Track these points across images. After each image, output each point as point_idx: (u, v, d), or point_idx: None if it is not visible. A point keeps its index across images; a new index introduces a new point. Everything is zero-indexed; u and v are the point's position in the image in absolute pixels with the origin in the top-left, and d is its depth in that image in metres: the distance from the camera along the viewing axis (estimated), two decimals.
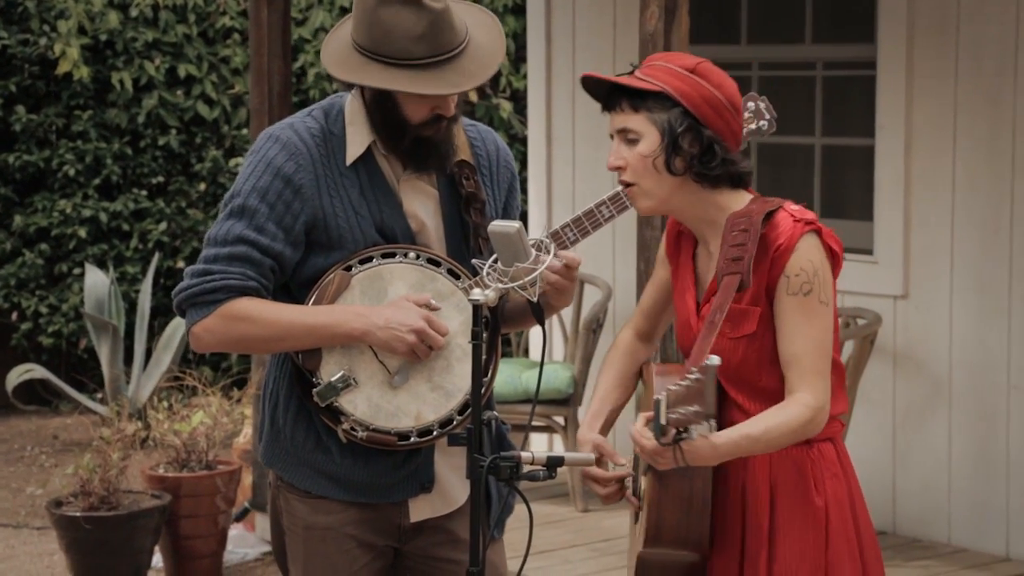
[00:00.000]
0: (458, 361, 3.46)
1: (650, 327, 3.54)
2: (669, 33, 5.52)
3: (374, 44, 3.37)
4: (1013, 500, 6.37)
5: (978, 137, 6.40)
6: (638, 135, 3.22)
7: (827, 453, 3.27)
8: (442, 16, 3.36)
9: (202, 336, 3.46)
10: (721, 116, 3.20)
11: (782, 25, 7.18)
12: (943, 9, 6.46)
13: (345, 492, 3.54)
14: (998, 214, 6.35)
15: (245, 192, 3.45)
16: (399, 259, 3.47)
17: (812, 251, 3.17)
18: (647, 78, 3.22)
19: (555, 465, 3.19)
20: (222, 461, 6.99)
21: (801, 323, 3.15)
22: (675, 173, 3.21)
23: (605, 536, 6.50)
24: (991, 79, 6.35)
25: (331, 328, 3.42)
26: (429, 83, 3.35)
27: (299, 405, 3.55)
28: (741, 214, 3.19)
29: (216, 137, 10.47)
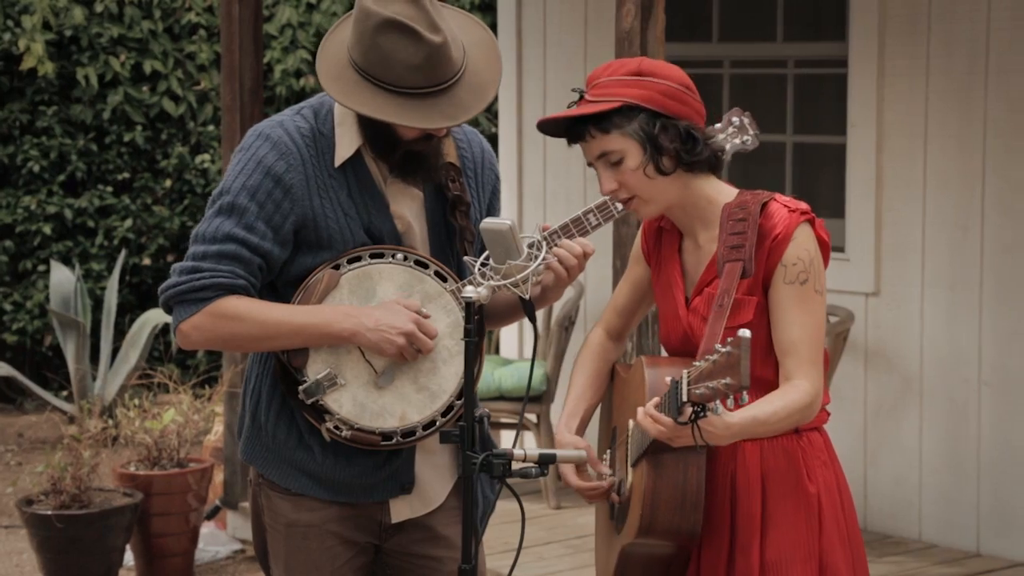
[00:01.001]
0: (444, 363, 3.46)
1: (622, 325, 3.57)
2: (645, 31, 5.54)
3: (371, 67, 3.35)
4: (983, 496, 6.41)
5: (949, 135, 6.44)
6: (620, 153, 3.23)
7: (816, 441, 3.31)
8: (440, 50, 3.33)
9: (190, 334, 3.44)
10: (683, 102, 3.24)
11: (754, 23, 7.21)
12: (914, 8, 6.50)
13: (326, 491, 3.54)
14: (969, 211, 6.39)
15: (235, 190, 3.43)
16: (387, 260, 3.47)
17: (808, 241, 3.21)
18: (601, 98, 3.23)
19: (547, 462, 3.19)
20: (194, 459, 6.97)
21: (798, 312, 3.19)
22: (667, 173, 3.24)
23: (578, 533, 6.51)
24: (962, 78, 6.39)
25: (320, 328, 3.41)
26: (422, 115, 3.33)
27: (282, 402, 3.54)
28: (737, 204, 3.23)
29: (182, 133, 10.43)
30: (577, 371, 3.54)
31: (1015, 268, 6.28)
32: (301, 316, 3.41)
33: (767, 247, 3.19)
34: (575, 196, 7.59)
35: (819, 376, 3.21)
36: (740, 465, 3.26)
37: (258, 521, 3.66)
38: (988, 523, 6.40)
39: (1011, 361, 6.32)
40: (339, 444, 3.49)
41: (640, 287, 3.50)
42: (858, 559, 3.35)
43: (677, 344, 3.34)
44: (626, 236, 5.66)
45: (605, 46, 7.36)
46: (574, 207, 7.46)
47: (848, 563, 3.31)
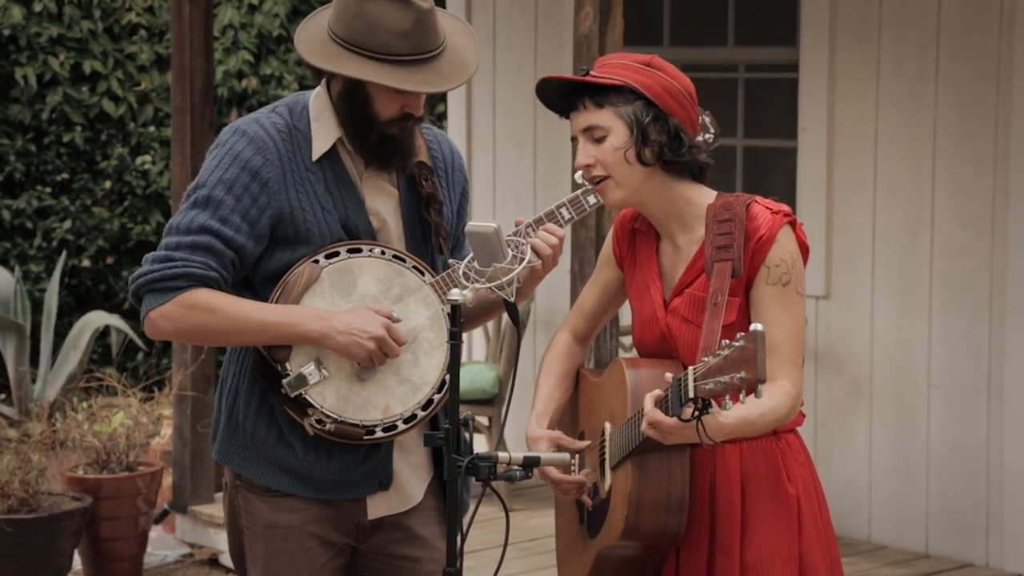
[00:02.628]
0: (425, 355, 3.48)
1: (589, 328, 3.58)
2: (603, 35, 5.56)
3: (355, 37, 3.38)
4: (932, 498, 6.47)
5: (899, 140, 6.50)
6: (605, 131, 3.26)
7: (793, 443, 3.34)
8: (427, 16, 3.38)
9: (158, 322, 3.43)
10: (682, 105, 3.27)
11: (705, 27, 7.24)
12: (865, 13, 6.56)
13: (305, 488, 3.53)
14: (919, 216, 6.45)
15: (211, 183, 3.43)
16: (366, 254, 3.47)
17: (790, 243, 3.24)
18: (606, 75, 3.27)
19: (532, 465, 3.20)
20: (142, 462, 6.92)
21: (780, 313, 3.21)
22: (646, 163, 3.26)
23: (531, 536, 6.51)
24: (912, 83, 6.45)
25: (290, 327, 3.41)
26: (408, 79, 3.36)
27: (261, 399, 3.53)
28: (721, 205, 3.25)
29: (122, 134, 10.35)
30: (544, 373, 3.54)
31: (965, 272, 6.34)
32: (272, 314, 3.41)
33: (751, 248, 3.22)
34: (524, 198, 7.60)
35: (800, 377, 3.24)
36: (720, 467, 3.28)
37: (234, 524, 3.64)
38: (937, 524, 6.47)
39: (960, 364, 6.39)
40: (320, 440, 3.48)
41: (609, 290, 3.52)
42: (834, 560, 3.38)
43: (653, 345, 3.35)
44: (583, 239, 5.68)
45: (555, 48, 7.39)
46: (523, 209, 7.47)
47: (826, 564, 3.34)
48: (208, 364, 6.96)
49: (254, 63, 10.46)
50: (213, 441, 3.65)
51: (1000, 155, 6.24)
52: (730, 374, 2.89)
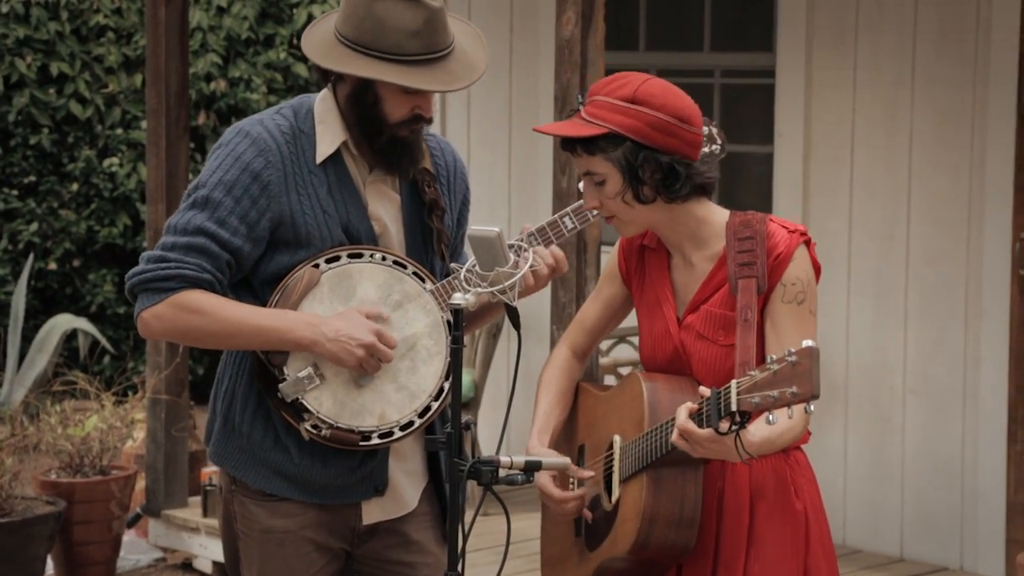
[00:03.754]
0: (423, 362, 3.46)
1: (588, 343, 3.57)
2: (585, 39, 5.56)
3: (364, 38, 3.37)
4: (907, 502, 6.50)
5: (876, 146, 6.53)
6: (602, 176, 3.25)
7: (801, 460, 3.34)
8: (438, 15, 3.38)
9: (150, 322, 3.42)
10: (673, 135, 3.21)
11: (681, 33, 7.26)
12: (842, 19, 6.59)
13: (300, 492, 3.52)
14: (895, 221, 6.49)
15: (211, 184, 3.42)
16: (367, 260, 3.46)
17: (806, 262, 3.24)
18: (592, 119, 3.23)
19: (533, 469, 3.20)
20: (116, 466, 6.88)
21: (794, 331, 3.21)
22: (646, 201, 3.25)
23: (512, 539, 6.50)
24: (889, 89, 6.48)
25: (281, 333, 3.40)
26: (419, 78, 3.36)
27: (258, 402, 3.52)
28: (741, 223, 3.25)
29: (89, 137, 10.29)
30: (543, 388, 3.53)
31: (940, 277, 6.38)
32: (263, 319, 3.40)
33: (769, 265, 3.21)
34: (499, 203, 7.60)
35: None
36: (729, 483, 3.27)
37: (229, 528, 3.62)
38: (911, 529, 6.50)
39: (935, 369, 6.42)
40: (316, 445, 3.47)
41: (611, 306, 3.51)
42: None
43: (664, 362, 3.34)
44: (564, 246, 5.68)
45: (530, 53, 7.40)
46: (498, 214, 7.47)
47: None
48: (182, 368, 6.93)
49: (223, 66, 10.42)
50: (207, 443, 3.63)
51: (976, 161, 6.28)
52: (780, 388, 2.88)
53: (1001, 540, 6.28)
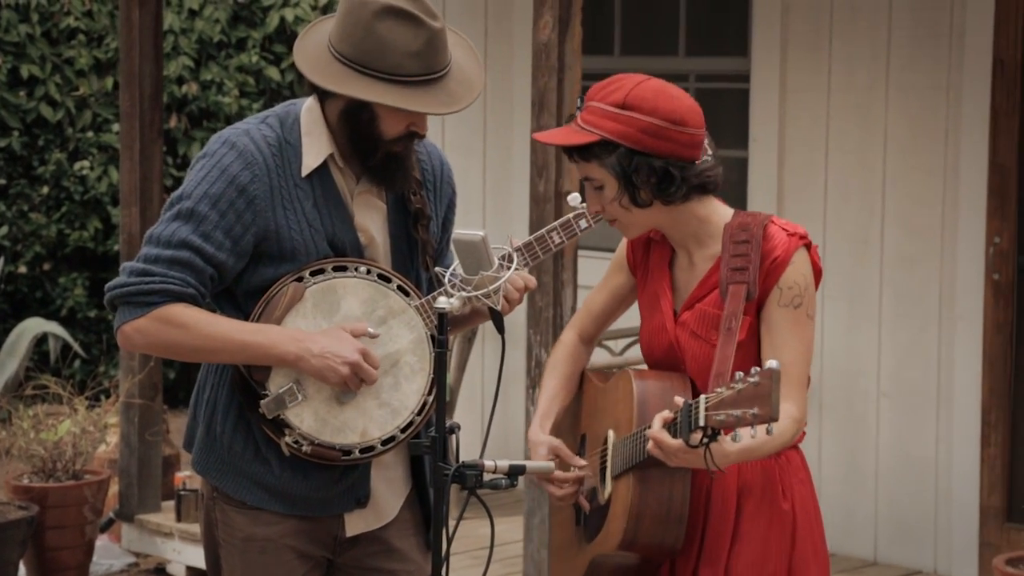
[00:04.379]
0: (406, 379, 3.45)
1: (595, 330, 3.58)
2: (563, 43, 5.57)
3: (363, 57, 3.32)
4: (881, 505, 6.53)
5: (850, 150, 6.55)
6: (599, 182, 3.26)
7: (794, 460, 3.34)
8: (439, 35, 3.33)
9: (132, 336, 3.39)
10: (666, 139, 3.20)
11: (656, 37, 7.27)
12: (816, 24, 6.61)
13: (281, 504, 3.50)
14: (869, 226, 6.51)
15: (196, 196, 3.38)
16: (351, 273, 3.44)
17: (804, 266, 3.23)
18: (586, 126, 3.24)
19: (517, 473, 3.19)
20: (89, 471, 6.85)
21: (789, 335, 3.21)
22: (643, 205, 3.25)
23: (483, 543, 6.50)
24: (863, 94, 6.50)
25: (265, 348, 3.37)
26: (420, 100, 3.32)
27: (239, 414, 3.49)
28: (739, 225, 3.24)
29: (60, 140, 10.24)
30: (549, 372, 3.54)
31: (914, 281, 6.40)
32: (248, 334, 3.37)
33: (765, 268, 3.21)
34: (473, 207, 7.59)
35: (804, 401, 3.24)
36: (717, 480, 3.27)
37: (210, 535, 3.60)
38: (885, 532, 6.52)
39: (909, 373, 6.45)
40: (297, 457, 3.45)
41: (618, 295, 3.52)
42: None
43: (661, 356, 3.35)
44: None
45: (506, 57, 7.39)
46: (472, 218, 7.47)
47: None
48: (155, 372, 6.90)
49: (194, 68, 10.39)
50: (189, 450, 3.61)
51: (949, 166, 6.30)
52: (743, 408, 2.90)
53: (974, 543, 6.30)
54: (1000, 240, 6.20)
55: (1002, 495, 6.27)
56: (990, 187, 6.21)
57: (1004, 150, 6.18)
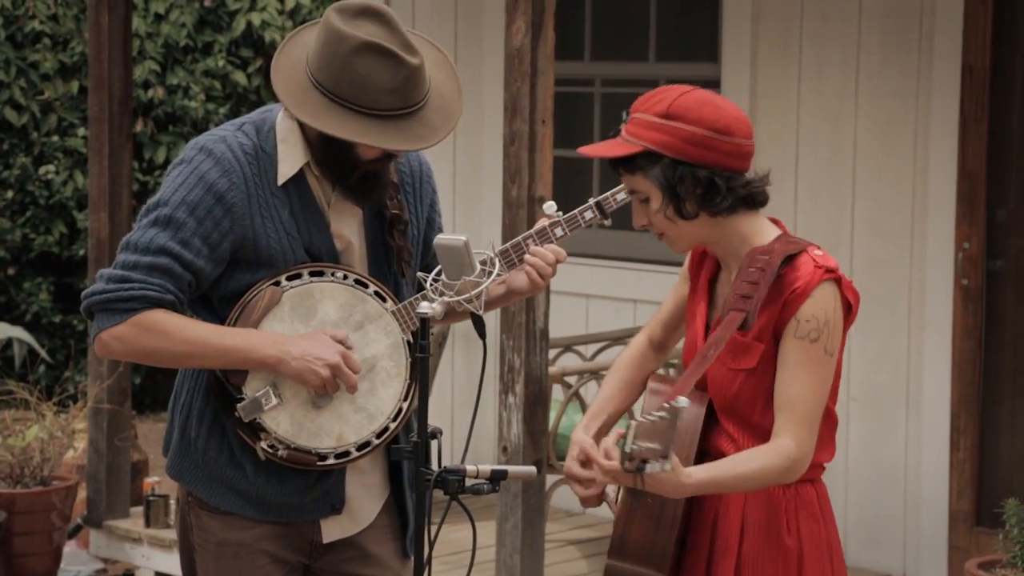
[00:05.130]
0: (383, 384, 3.44)
1: (665, 337, 3.52)
2: (535, 49, 5.57)
3: (341, 89, 3.31)
4: (851, 510, 6.55)
5: (820, 156, 6.58)
6: (645, 194, 3.23)
7: (805, 494, 3.26)
8: (417, 72, 3.31)
9: (110, 343, 3.37)
10: (711, 148, 3.16)
11: (626, 43, 7.28)
12: (786, 30, 6.63)
13: (256, 510, 3.49)
14: (839, 232, 6.53)
15: (174, 203, 3.36)
16: (328, 278, 3.43)
17: (828, 300, 3.15)
18: (630, 137, 3.20)
19: (499, 478, 3.19)
20: (57, 476, 6.82)
21: (802, 369, 3.14)
22: (689, 217, 3.20)
23: (454, 549, 6.49)
24: (833, 100, 6.53)
25: (245, 352, 3.36)
26: (397, 137, 3.30)
27: (213, 419, 3.48)
28: (763, 251, 3.18)
29: (24, 144, 10.19)
30: (611, 374, 3.49)
31: (883, 287, 6.43)
32: (227, 338, 3.36)
33: (784, 298, 3.15)
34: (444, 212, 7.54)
35: (810, 438, 3.15)
36: (723, 505, 3.25)
37: (186, 540, 3.59)
38: (855, 536, 6.54)
39: (879, 378, 6.47)
40: (272, 463, 3.44)
41: (683, 303, 3.46)
42: None
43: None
44: None
45: (476, 61, 7.39)
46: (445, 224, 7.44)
47: None
48: (124, 377, 6.87)
49: (160, 73, 10.35)
50: (165, 455, 3.60)
51: (919, 171, 6.34)
52: (649, 441, 2.88)
53: (943, 547, 6.33)
54: (969, 246, 6.24)
55: (971, 499, 6.30)
56: (959, 193, 6.24)
57: (973, 156, 6.22)
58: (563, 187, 6.42)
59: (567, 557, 6.56)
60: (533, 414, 5.62)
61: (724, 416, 3.26)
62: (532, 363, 5.63)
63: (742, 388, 3.22)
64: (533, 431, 5.63)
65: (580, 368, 6.45)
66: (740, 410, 3.23)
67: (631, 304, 7.09)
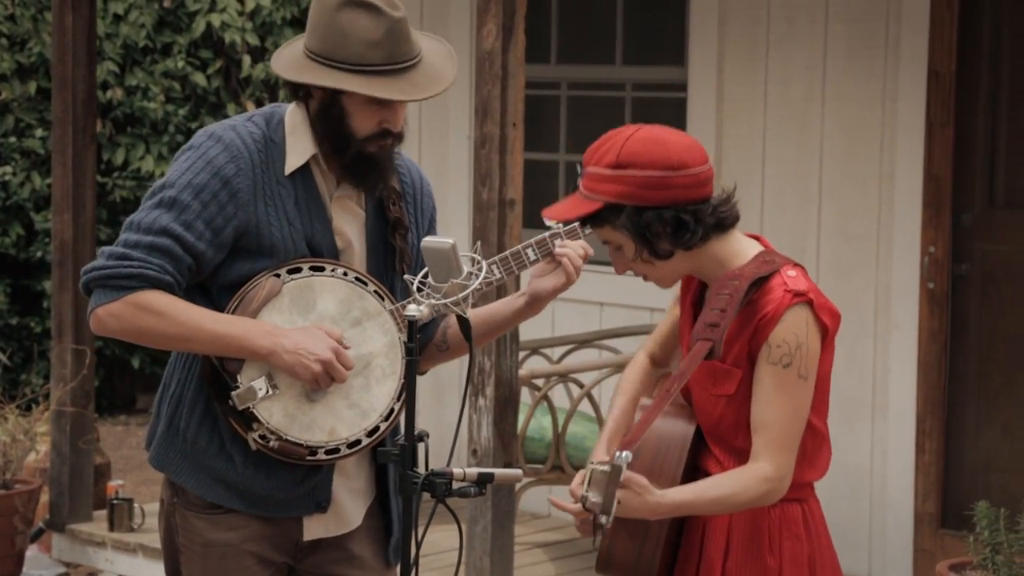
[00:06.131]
0: (377, 382, 3.44)
1: (663, 355, 3.52)
2: (506, 52, 5.57)
3: (328, 49, 3.36)
4: None
5: (786, 160, 6.60)
6: (618, 243, 3.23)
7: (791, 514, 3.27)
8: (399, 24, 3.35)
9: (105, 320, 3.38)
10: (669, 187, 3.16)
11: (593, 46, 7.29)
12: (753, 34, 6.66)
13: (241, 502, 3.49)
14: (805, 235, 6.56)
15: (180, 185, 3.38)
16: (329, 273, 3.43)
17: (798, 324, 3.15)
18: (588, 193, 3.21)
19: (485, 482, 3.19)
20: (19, 480, 6.76)
21: (775, 394, 3.15)
22: (666, 256, 3.21)
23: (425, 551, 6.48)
24: (799, 104, 6.56)
25: (238, 340, 3.36)
26: (380, 88, 3.33)
27: (205, 408, 3.47)
28: (732, 276, 3.18)
29: None
30: (618, 393, 3.47)
31: (849, 290, 6.46)
32: (221, 325, 3.36)
33: (755, 324, 3.16)
34: None
35: (787, 461, 3.16)
36: (710, 523, 3.26)
37: (170, 541, 3.57)
38: None
39: (842, 381, 6.49)
40: (261, 456, 3.44)
41: (676, 324, 3.46)
42: None
43: (682, 392, 3.33)
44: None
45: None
46: None
47: None
48: (88, 380, 6.83)
49: (119, 74, 10.29)
50: (147, 447, 3.59)
51: (885, 175, 6.37)
52: (595, 492, 2.92)
53: (909, 550, 6.37)
54: (935, 249, 6.28)
55: (936, 502, 6.33)
56: (925, 197, 6.28)
57: (939, 160, 6.26)
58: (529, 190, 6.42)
59: (534, 560, 6.56)
60: (503, 417, 5.62)
61: (710, 439, 3.29)
62: (503, 366, 5.62)
63: (724, 413, 3.23)
64: (503, 433, 5.62)
65: (548, 371, 6.46)
66: (724, 434, 3.25)
67: (597, 307, 7.10)
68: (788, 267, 3.20)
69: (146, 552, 6.60)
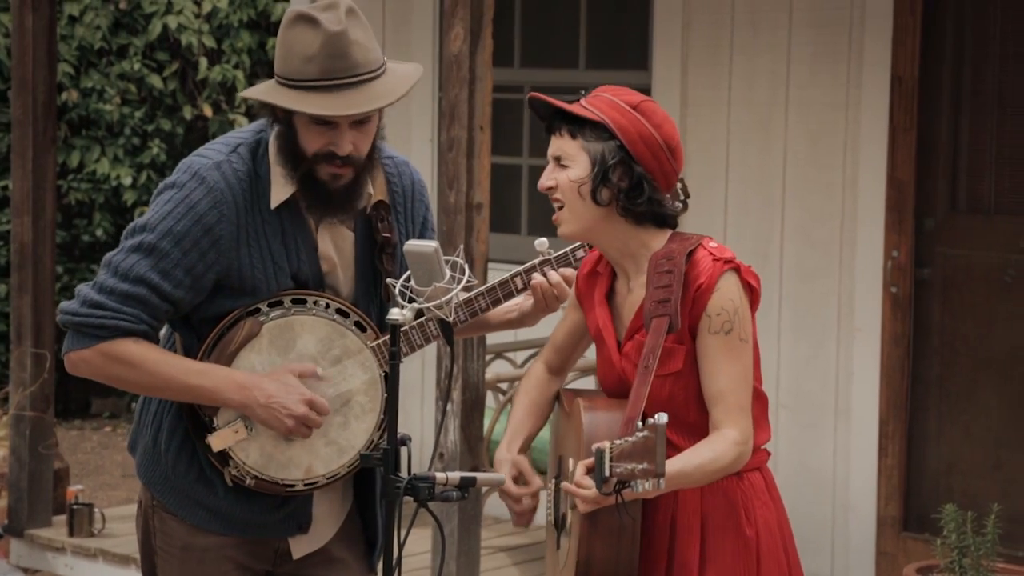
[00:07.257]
0: (356, 419, 3.42)
1: (560, 362, 3.55)
2: (474, 55, 5.55)
3: (278, 66, 3.32)
4: None
5: (750, 165, 6.62)
6: (571, 160, 3.24)
7: (756, 483, 3.32)
8: (335, 39, 3.25)
9: (78, 364, 3.38)
10: (655, 155, 3.23)
11: (556, 50, 7.29)
12: (717, 39, 6.67)
13: (222, 525, 3.48)
14: (768, 240, 6.58)
15: (160, 232, 3.33)
16: (310, 308, 3.40)
17: (732, 290, 3.20)
18: (590, 107, 3.26)
19: (468, 485, 3.18)
20: None
21: (723, 361, 3.19)
22: (600, 204, 3.24)
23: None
24: (762, 108, 6.58)
25: (210, 393, 3.35)
26: (312, 103, 3.24)
27: (184, 437, 3.46)
28: (663, 254, 3.22)
29: None
30: (516, 399, 3.53)
31: (812, 295, 6.48)
32: (194, 377, 3.34)
33: (691, 296, 3.20)
34: None
35: (748, 423, 3.21)
36: (680, 508, 3.27)
37: (147, 543, 3.56)
38: None
39: (807, 385, 6.52)
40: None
41: (576, 330, 3.49)
42: None
43: (613, 388, 3.34)
44: None
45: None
46: None
47: None
48: (48, 384, 6.78)
49: (75, 76, 10.22)
50: (132, 453, 3.58)
51: (848, 180, 6.40)
52: (635, 462, 2.93)
53: (871, 552, 6.40)
54: (898, 254, 6.31)
55: (899, 505, 6.37)
56: (888, 202, 6.31)
57: (902, 165, 6.29)
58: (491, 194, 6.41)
59: (499, 564, 6.55)
60: (470, 420, 5.60)
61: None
62: (469, 370, 5.61)
63: (672, 391, 3.25)
64: (470, 437, 5.61)
65: (514, 375, 6.45)
66: (675, 413, 3.24)
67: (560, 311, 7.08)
68: (707, 239, 3.29)
69: (107, 557, 6.56)
